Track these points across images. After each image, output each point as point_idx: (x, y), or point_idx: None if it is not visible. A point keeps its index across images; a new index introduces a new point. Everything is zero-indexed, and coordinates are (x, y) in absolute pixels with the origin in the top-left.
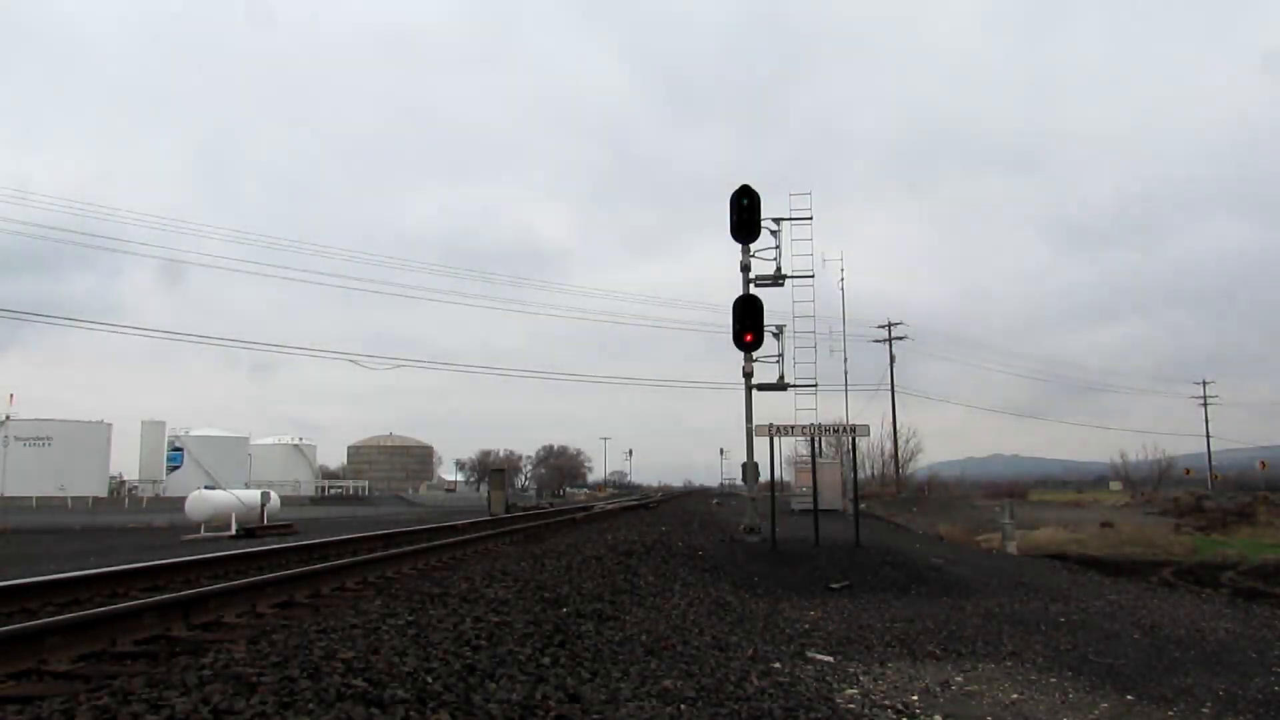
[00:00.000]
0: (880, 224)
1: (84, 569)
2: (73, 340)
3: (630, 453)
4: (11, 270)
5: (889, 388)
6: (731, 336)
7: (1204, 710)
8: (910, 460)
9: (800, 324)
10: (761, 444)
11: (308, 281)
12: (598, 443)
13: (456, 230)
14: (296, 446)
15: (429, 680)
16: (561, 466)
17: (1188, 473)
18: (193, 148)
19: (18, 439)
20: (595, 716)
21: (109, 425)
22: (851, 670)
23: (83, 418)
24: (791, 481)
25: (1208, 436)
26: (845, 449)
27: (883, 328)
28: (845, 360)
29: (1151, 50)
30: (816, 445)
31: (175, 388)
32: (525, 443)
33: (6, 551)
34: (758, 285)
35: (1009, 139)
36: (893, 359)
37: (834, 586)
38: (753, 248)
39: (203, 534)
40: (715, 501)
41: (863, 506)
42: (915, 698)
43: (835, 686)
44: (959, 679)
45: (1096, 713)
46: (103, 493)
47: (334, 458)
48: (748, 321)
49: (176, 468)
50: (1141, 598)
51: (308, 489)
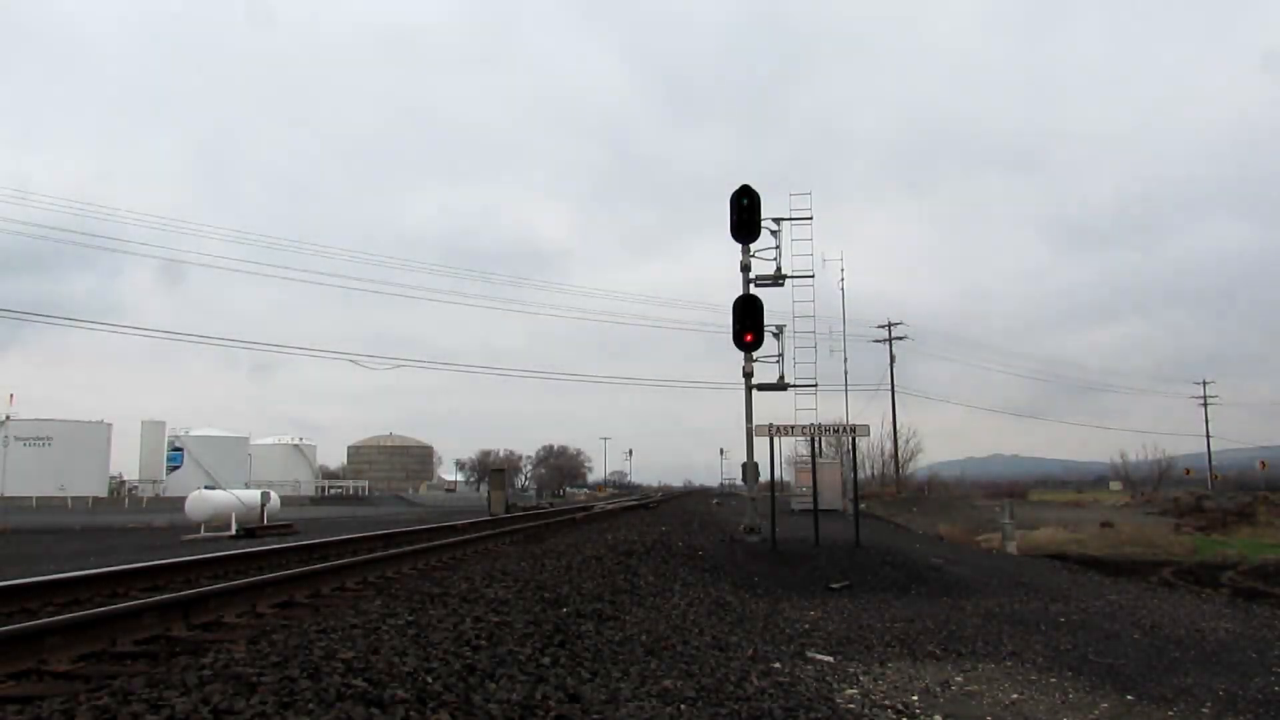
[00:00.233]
0: (880, 224)
1: (84, 569)
2: (73, 340)
3: (630, 453)
4: (11, 270)
5: (889, 388)
6: (731, 336)
7: (1204, 710)
8: (910, 460)
9: (800, 324)
10: (761, 444)
11: (308, 281)
12: (598, 443)
13: (456, 230)
14: (296, 446)
15: (429, 680)
16: (561, 466)
17: (1188, 473)
18: (193, 148)
19: (18, 439)
20: (595, 716)
21: (109, 425)
22: (851, 670)
23: (83, 418)
24: (791, 481)
25: (1208, 436)
26: (845, 449)
27: (883, 328)
28: (845, 360)
29: (1151, 50)
30: (816, 445)
31: (175, 388)
32: (525, 443)
33: (6, 551)
34: (758, 285)
35: (1009, 139)
36: (893, 359)
37: (834, 586)
38: (753, 248)
39: (203, 534)
40: (715, 501)
41: (863, 506)
42: (915, 698)
43: (835, 686)
44: (959, 679)
45: (1096, 713)
46: (103, 493)
47: (334, 458)
48: (748, 321)
49: (176, 468)
50: (1141, 598)
51: (308, 489)
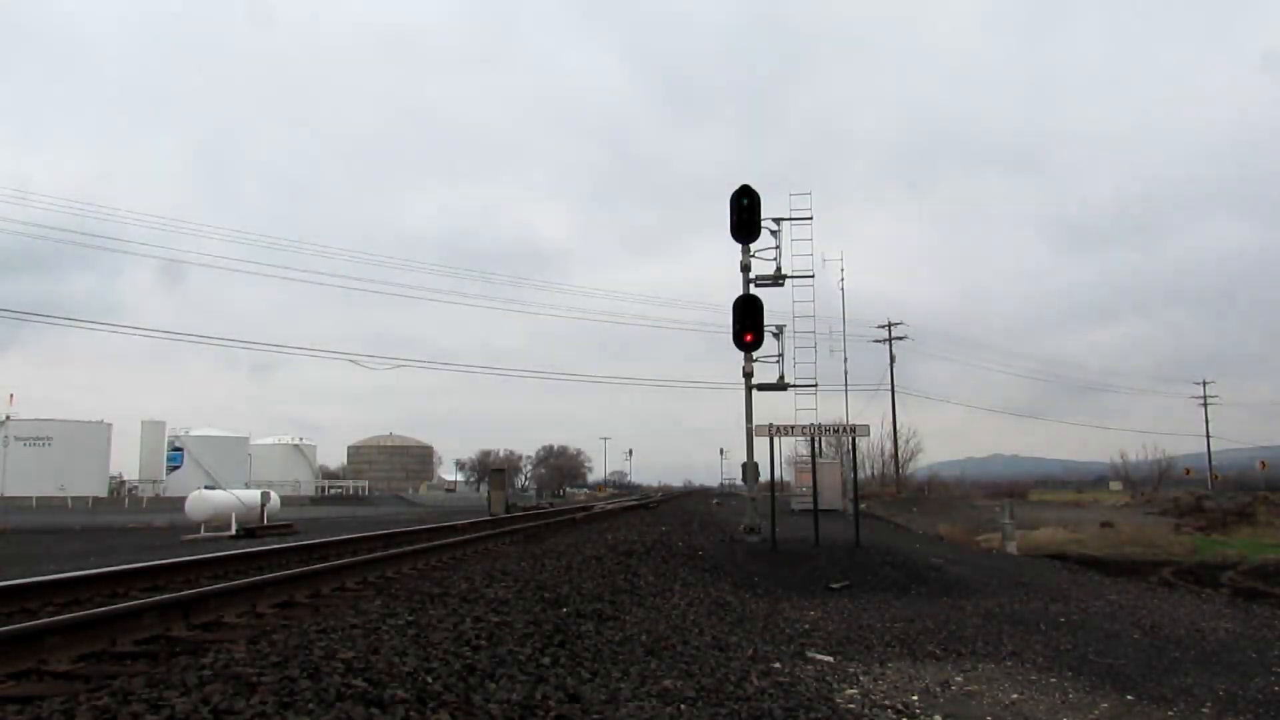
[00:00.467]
0: (880, 224)
1: (84, 569)
2: (73, 340)
3: (630, 453)
4: (11, 270)
5: (889, 388)
6: (731, 336)
7: (1204, 710)
8: (910, 460)
9: (800, 324)
10: (761, 444)
11: (308, 281)
12: (598, 443)
13: (456, 230)
14: (296, 446)
15: (429, 680)
16: (561, 466)
17: (1188, 473)
18: (193, 148)
19: (18, 439)
20: (595, 716)
21: (109, 425)
22: (851, 670)
23: (83, 418)
24: (791, 481)
25: (1208, 436)
26: (845, 449)
27: (883, 328)
28: (845, 360)
29: (1151, 50)
30: (816, 445)
31: (175, 388)
32: (525, 443)
33: (6, 551)
34: (758, 285)
35: (1009, 139)
36: (893, 359)
37: (834, 586)
38: (753, 248)
39: (203, 534)
40: (715, 501)
41: (863, 506)
42: (915, 698)
43: (835, 686)
44: (959, 679)
45: (1096, 713)
46: (103, 493)
47: (334, 458)
48: (748, 321)
49: (176, 468)
50: (1141, 598)
51: (308, 489)
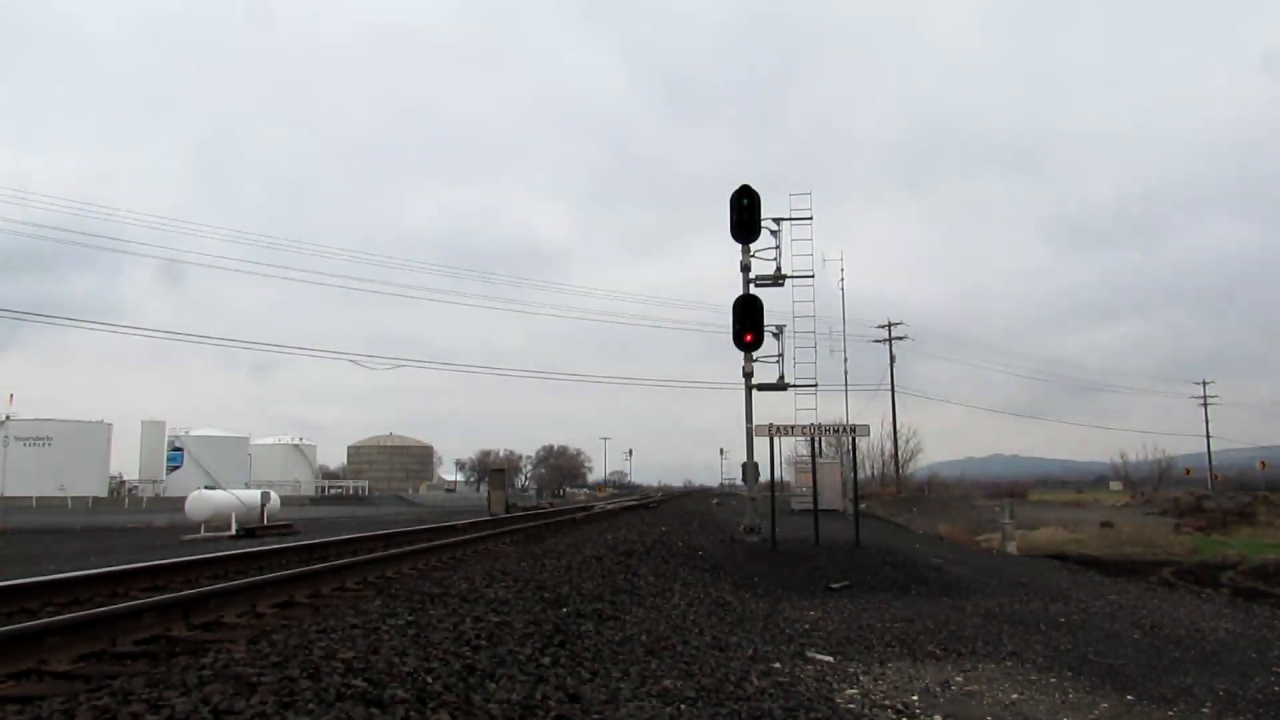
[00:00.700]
0: (880, 224)
1: (84, 569)
2: (73, 340)
3: (630, 453)
4: (11, 270)
5: (889, 388)
6: (731, 336)
7: (1204, 710)
8: (910, 460)
9: (800, 324)
10: (761, 444)
11: (308, 281)
12: (598, 443)
13: (456, 230)
14: (296, 446)
15: (429, 680)
16: (561, 466)
17: (1188, 473)
18: (193, 148)
19: (18, 439)
20: (595, 716)
21: (109, 425)
22: (851, 670)
23: (83, 418)
24: (791, 481)
25: (1208, 436)
26: (845, 449)
27: (883, 328)
28: (845, 360)
29: (1151, 50)
30: (816, 445)
31: (175, 388)
32: (525, 443)
33: (6, 551)
34: (758, 285)
35: (1009, 139)
36: (893, 359)
37: (834, 586)
38: (753, 248)
39: (203, 534)
40: (715, 501)
41: (863, 506)
42: (915, 698)
43: (835, 686)
44: (959, 679)
45: (1096, 713)
46: (103, 493)
47: (334, 458)
48: (748, 321)
49: (176, 468)
50: (1141, 598)
51: (308, 489)
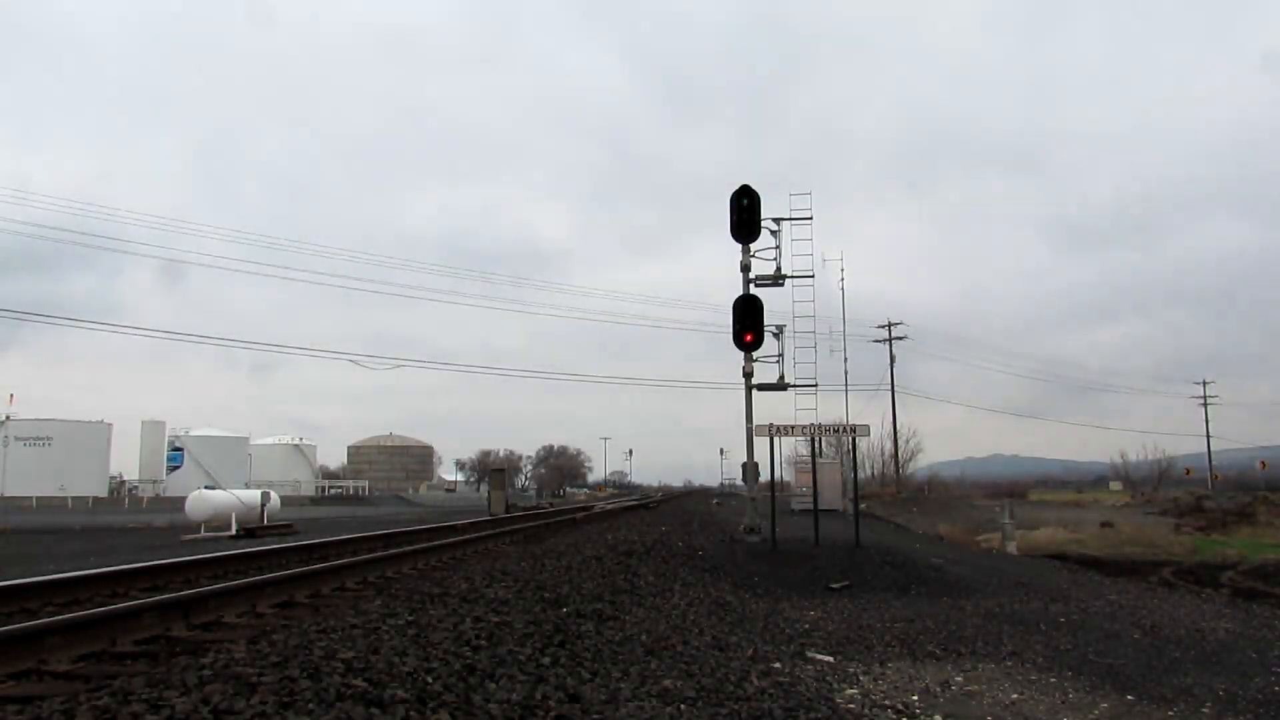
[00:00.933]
0: (880, 224)
1: (84, 569)
2: (73, 340)
3: (630, 453)
4: (11, 270)
5: (889, 388)
6: (731, 336)
7: (1204, 710)
8: (910, 460)
9: (800, 324)
10: (761, 444)
11: (308, 281)
12: (598, 443)
13: (456, 230)
14: (296, 446)
15: (429, 680)
16: (561, 466)
17: (1188, 473)
18: (193, 148)
19: (18, 439)
20: (595, 716)
21: (109, 425)
22: (851, 670)
23: (83, 418)
24: (791, 481)
25: (1208, 436)
26: (845, 449)
27: (883, 328)
28: (845, 360)
29: (1151, 50)
30: (816, 445)
31: (175, 388)
32: (525, 443)
33: (6, 551)
34: (758, 285)
35: (1009, 139)
36: (893, 359)
37: (834, 586)
38: (753, 248)
39: (203, 534)
40: (715, 501)
41: (863, 506)
42: (915, 698)
43: (835, 686)
44: (959, 679)
45: (1096, 713)
46: (103, 493)
47: (334, 458)
48: (748, 321)
49: (176, 468)
50: (1141, 598)
51: (308, 489)
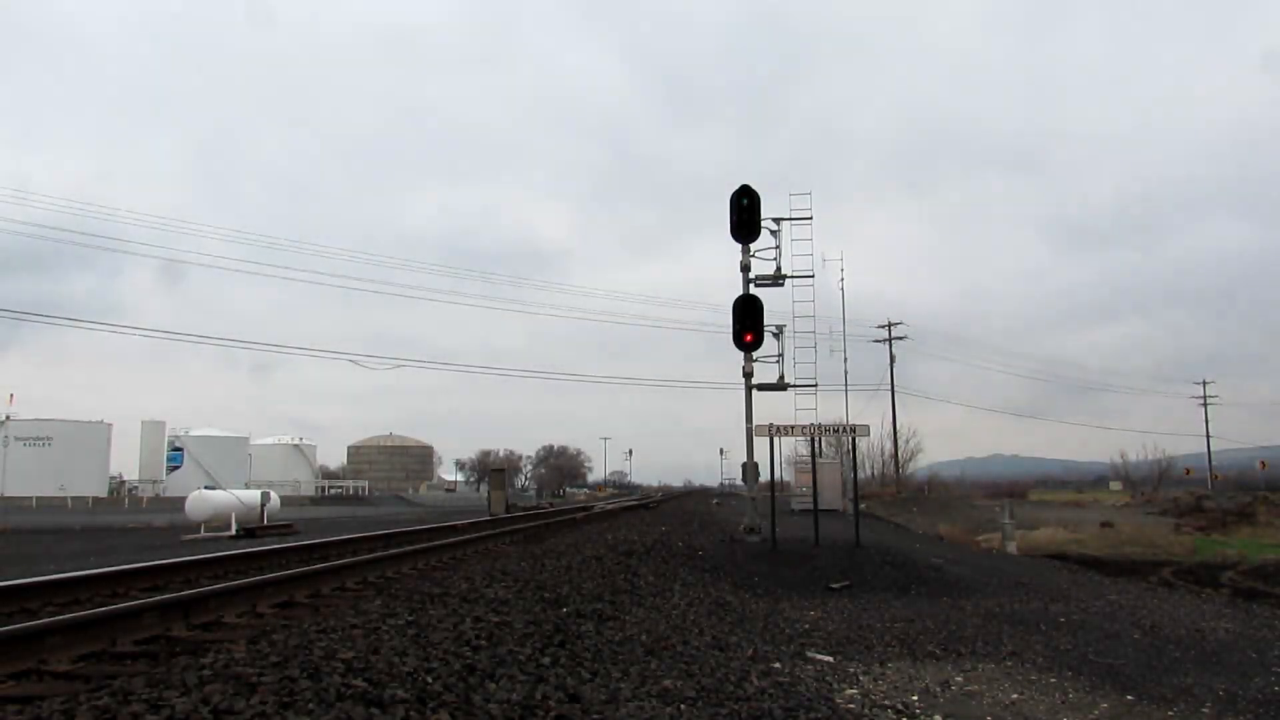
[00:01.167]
0: (880, 224)
1: (84, 569)
2: (73, 340)
3: (630, 453)
4: (11, 270)
5: (889, 388)
6: (731, 336)
7: (1204, 710)
8: (910, 460)
9: (800, 324)
10: (761, 444)
11: (308, 281)
12: (598, 443)
13: (456, 230)
14: (296, 446)
15: (429, 680)
16: (561, 466)
17: (1188, 473)
18: (193, 148)
19: (18, 439)
20: (595, 716)
21: (109, 425)
22: (851, 670)
23: (83, 418)
24: (791, 481)
25: (1208, 436)
26: (845, 449)
27: (883, 328)
28: (845, 360)
29: (1151, 50)
30: (816, 445)
31: (175, 388)
32: (525, 443)
33: (6, 551)
34: (758, 285)
35: (1009, 139)
36: (893, 359)
37: (834, 586)
38: (753, 248)
39: (203, 534)
40: (715, 501)
41: (863, 506)
42: (915, 698)
43: (835, 686)
44: (959, 679)
45: (1096, 713)
46: (103, 493)
47: (334, 458)
48: (748, 321)
49: (176, 468)
50: (1141, 598)
51: (308, 489)
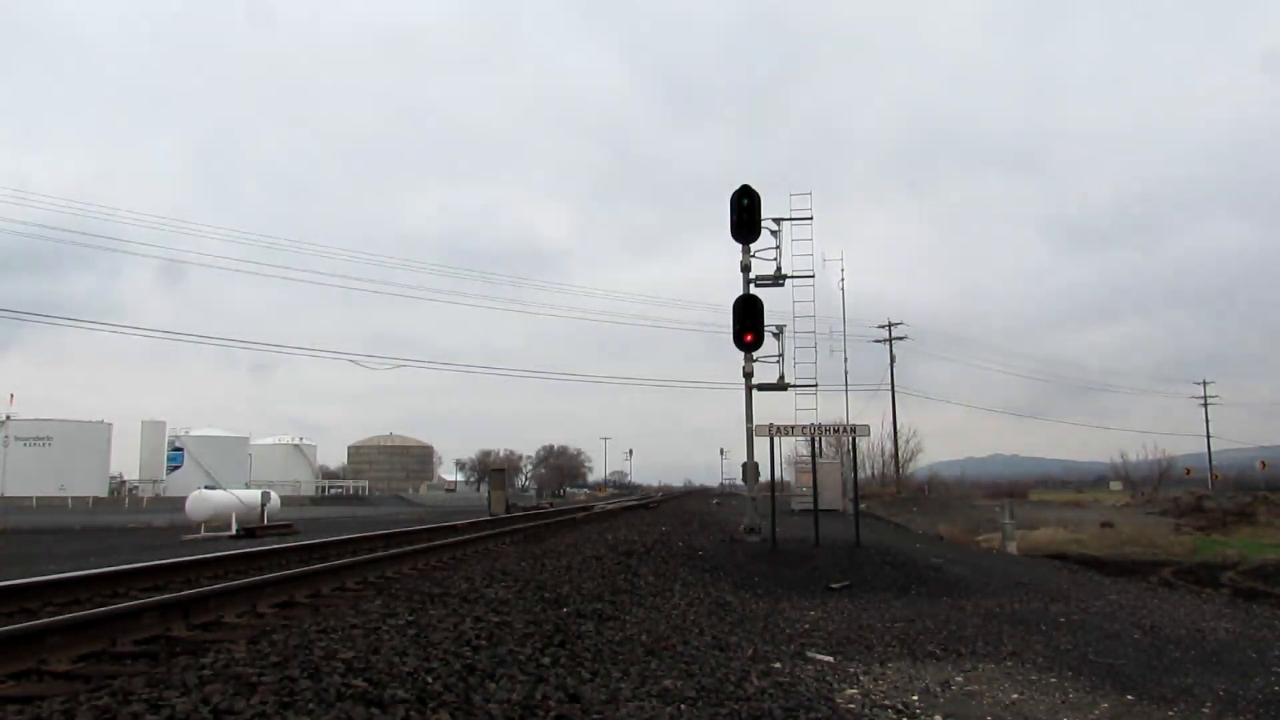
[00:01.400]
0: (880, 224)
1: (84, 569)
2: (73, 340)
3: (630, 453)
4: (11, 270)
5: (889, 388)
6: (731, 336)
7: (1204, 710)
8: (910, 460)
9: (800, 324)
10: (761, 444)
11: (308, 281)
12: (598, 443)
13: (456, 230)
14: (296, 446)
15: (429, 680)
16: (561, 466)
17: (1188, 473)
18: (193, 148)
19: (18, 439)
20: (595, 716)
21: (109, 425)
22: (851, 670)
23: (83, 418)
24: (791, 481)
25: (1208, 436)
26: (845, 449)
27: (883, 328)
28: (845, 360)
29: (1151, 50)
30: (816, 445)
31: (175, 388)
32: (525, 443)
33: (6, 551)
34: (758, 285)
35: (1009, 139)
36: (893, 359)
37: (834, 586)
38: (753, 248)
39: (203, 534)
40: (715, 501)
41: (863, 506)
42: (915, 698)
43: (835, 686)
44: (959, 679)
45: (1096, 713)
46: (103, 493)
47: (334, 458)
48: (748, 321)
49: (176, 468)
50: (1141, 598)
51: (308, 489)
